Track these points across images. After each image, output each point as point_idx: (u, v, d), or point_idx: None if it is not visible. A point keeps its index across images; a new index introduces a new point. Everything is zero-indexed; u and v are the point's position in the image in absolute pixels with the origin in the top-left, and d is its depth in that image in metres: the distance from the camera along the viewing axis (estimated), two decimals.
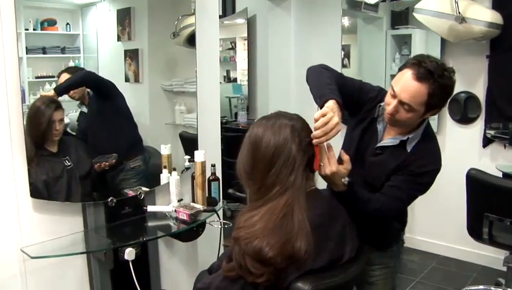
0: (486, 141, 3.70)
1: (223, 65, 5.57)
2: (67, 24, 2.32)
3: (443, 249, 4.03)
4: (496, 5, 3.43)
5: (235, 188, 4.41)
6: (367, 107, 1.84)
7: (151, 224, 2.36)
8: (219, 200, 2.52)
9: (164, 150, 2.48)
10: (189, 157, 2.59)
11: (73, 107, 2.36)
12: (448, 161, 1.79)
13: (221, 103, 3.02)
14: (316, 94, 1.65)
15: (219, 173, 2.68)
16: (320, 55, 4.40)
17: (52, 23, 2.27)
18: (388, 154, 1.77)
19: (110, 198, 2.23)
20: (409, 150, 1.73)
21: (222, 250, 2.49)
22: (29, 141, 2.00)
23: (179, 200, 2.39)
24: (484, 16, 3.28)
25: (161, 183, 2.49)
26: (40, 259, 1.95)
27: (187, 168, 2.60)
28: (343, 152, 1.61)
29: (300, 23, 4.69)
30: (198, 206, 2.35)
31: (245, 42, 5.53)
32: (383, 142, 1.79)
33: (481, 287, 3.36)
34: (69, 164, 2.22)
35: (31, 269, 2.05)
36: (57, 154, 2.20)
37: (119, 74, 2.51)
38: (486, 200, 2.77)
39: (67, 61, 2.32)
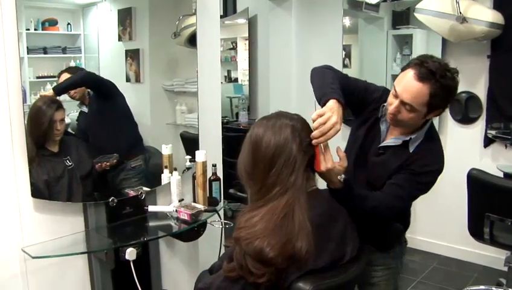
0: (487, 141, 3.70)
1: (224, 65, 5.58)
2: (68, 24, 2.32)
3: (444, 249, 4.02)
4: (497, 5, 3.43)
5: (236, 188, 4.41)
6: (371, 107, 1.84)
7: (152, 224, 2.36)
8: (220, 200, 2.52)
9: (165, 150, 2.48)
10: (190, 157, 2.60)
11: (74, 107, 2.36)
12: (449, 161, 1.78)
13: (222, 103, 3.03)
14: (318, 94, 1.64)
15: (220, 173, 2.68)
16: (321, 55, 4.40)
17: (53, 23, 2.27)
18: (390, 154, 1.76)
19: (111, 198, 2.23)
20: (411, 151, 1.72)
21: (223, 250, 2.49)
22: (30, 141, 2.00)
23: (180, 200, 2.39)
24: (485, 16, 3.28)
25: (162, 183, 2.49)
26: (41, 259, 1.95)
27: (188, 168, 2.61)
28: (339, 149, 1.59)
29: (301, 23, 4.68)
30: (199, 206, 2.35)
31: (246, 42, 5.53)
32: (385, 142, 1.79)
33: (482, 287, 3.36)
34: (70, 164, 2.22)
35: (32, 269, 2.05)
36: (58, 154, 2.20)
37: (120, 74, 2.51)
38: (487, 200, 2.77)
39: (68, 61, 2.32)
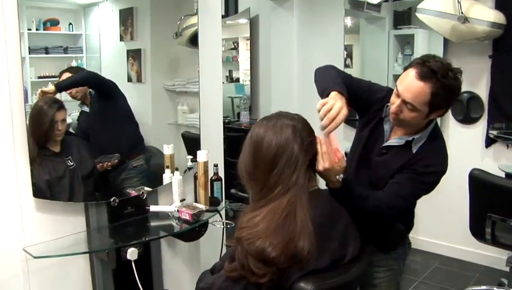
0: (489, 141, 3.69)
1: (225, 65, 5.58)
2: (70, 24, 2.33)
3: (446, 249, 4.02)
4: (499, 5, 3.43)
5: (237, 188, 4.41)
6: (375, 107, 1.83)
7: (153, 224, 2.36)
8: (221, 200, 2.52)
9: (167, 150, 2.48)
10: (191, 157, 2.59)
11: (75, 107, 2.36)
12: (451, 161, 1.78)
13: (223, 102, 3.02)
14: (320, 89, 1.66)
15: (221, 173, 2.68)
16: (322, 55, 4.40)
17: (54, 23, 2.27)
18: (393, 154, 1.75)
19: (113, 198, 2.23)
20: (414, 151, 1.71)
21: (224, 250, 2.50)
22: (31, 141, 2.00)
23: (181, 200, 2.39)
24: (487, 16, 3.27)
25: (163, 183, 2.49)
26: (42, 259, 1.95)
27: (189, 168, 2.60)
28: (337, 150, 1.58)
29: (302, 23, 4.68)
30: (201, 206, 2.35)
31: (247, 42, 5.53)
32: (388, 142, 1.78)
33: (484, 287, 3.36)
34: (72, 164, 2.22)
35: (34, 269, 2.05)
36: (59, 154, 2.20)
37: (122, 74, 2.51)
38: (489, 200, 2.77)
39: (70, 61, 2.32)
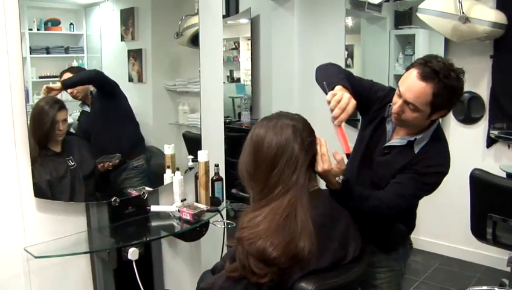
0: (490, 141, 3.69)
1: (226, 65, 5.58)
2: (71, 24, 2.33)
3: (446, 249, 4.02)
4: (500, 5, 3.42)
5: (238, 188, 4.40)
6: (376, 106, 1.83)
7: (154, 224, 2.36)
8: (222, 200, 2.52)
9: (168, 150, 2.48)
10: (192, 157, 2.59)
11: (76, 107, 2.36)
12: (452, 161, 1.78)
13: (224, 102, 3.02)
14: (323, 86, 1.66)
15: (222, 173, 2.68)
16: (323, 55, 4.39)
17: (55, 23, 2.27)
18: (395, 154, 1.75)
19: (114, 198, 2.23)
20: (416, 151, 1.71)
21: (225, 250, 2.50)
22: (33, 141, 2.00)
23: (182, 200, 2.38)
24: (488, 16, 3.27)
25: (164, 183, 2.49)
26: (43, 259, 1.95)
27: (190, 168, 2.61)
28: (336, 152, 1.59)
29: (303, 23, 4.68)
30: (202, 206, 2.35)
31: (248, 42, 5.53)
32: (390, 142, 1.78)
33: (485, 287, 3.35)
34: (73, 164, 2.22)
35: (35, 269, 2.05)
36: (60, 154, 2.20)
37: (123, 74, 2.51)
38: (490, 200, 2.76)
39: (71, 61, 2.32)
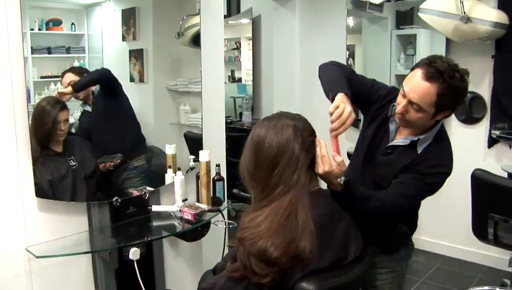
0: (492, 141, 3.69)
1: (227, 65, 5.57)
2: (73, 24, 2.33)
3: (448, 249, 4.02)
4: (502, 5, 3.42)
5: (239, 188, 4.39)
6: (377, 105, 1.83)
7: (155, 224, 2.36)
8: (224, 200, 2.52)
9: (169, 149, 2.48)
10: (193, 157, 2.59)
11: (77, 107, 2.36)
12: (453, 161, 1.78)
13: (225, 102, 3.03)
14: (326, 89, 1.70)
15: (224, 173, 2.68)
16: (324, 55, 4.36)
17: (57, 23, 2.28)
18: (398, 154, 1.75)
19: (115, 198, 2.23)
20: (419, 152, 1.71)
21: (226, 250, 2.50)
22: (34, 141, 2.00)
23: (183, 200, 2.39)
24: (489, 16, 3.26)
25: (166, 183, 2.49)
26: (45, 258, 1.95)
27: (192, 168, 2.60)
28: (335, 154, 1.59)
29: (305, 23, 4.68)
30: (203, 206, 2.35)
31: (250, 42, 5.53)
32: (393, 142, 1.78)
33: (486, 288, 3.34)
34: (74, 164, 2.22)
35: (36, 269, 2.05)
36: (62, 154, 2.20)
37: (124, 74, 2.51)
38: (491, 200, 2.76)
39: (72, 61, 2.32)
